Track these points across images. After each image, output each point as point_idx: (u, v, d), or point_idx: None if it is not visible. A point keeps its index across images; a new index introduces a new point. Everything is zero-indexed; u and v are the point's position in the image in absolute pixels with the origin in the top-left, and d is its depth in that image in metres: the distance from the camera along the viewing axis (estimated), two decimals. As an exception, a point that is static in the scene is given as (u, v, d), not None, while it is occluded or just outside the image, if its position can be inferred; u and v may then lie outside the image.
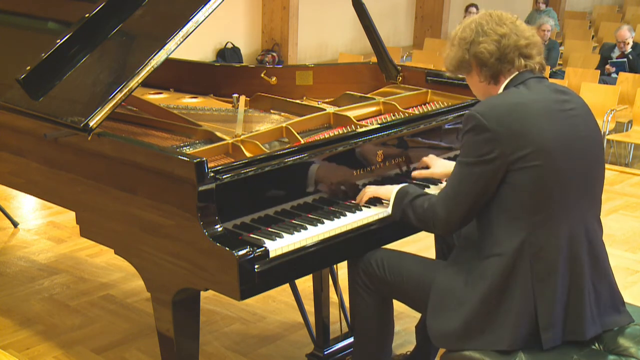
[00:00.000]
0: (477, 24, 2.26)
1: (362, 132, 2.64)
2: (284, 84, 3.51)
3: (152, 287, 2.44)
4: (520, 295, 2.13)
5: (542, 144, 2.10)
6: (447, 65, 2.34)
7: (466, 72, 2.31)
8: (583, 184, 2.18)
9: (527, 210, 2.12)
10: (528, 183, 2.10)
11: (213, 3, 2.55)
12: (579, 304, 2.17)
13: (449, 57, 2.32)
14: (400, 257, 2.47)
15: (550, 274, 2.13)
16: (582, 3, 15.71)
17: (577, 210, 2.17)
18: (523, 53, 2.23)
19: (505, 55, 2.21)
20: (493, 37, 2.21)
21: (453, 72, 2.35)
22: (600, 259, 2.24)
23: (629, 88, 7.34)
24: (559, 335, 2.17)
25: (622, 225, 5.00)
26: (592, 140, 2.22)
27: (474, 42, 2.23)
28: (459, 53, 2.27)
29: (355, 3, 3.29)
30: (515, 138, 2.09)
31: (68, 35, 2.73)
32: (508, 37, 2.21)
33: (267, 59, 10.80)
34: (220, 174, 2.23)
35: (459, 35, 2.28)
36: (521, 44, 2.22)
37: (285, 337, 3.46)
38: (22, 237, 4.62)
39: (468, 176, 2.15)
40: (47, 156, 2.76)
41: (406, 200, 2.35)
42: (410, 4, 13.41)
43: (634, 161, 7.05)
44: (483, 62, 2.24)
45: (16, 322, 3.57)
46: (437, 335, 2.25)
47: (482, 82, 2.28)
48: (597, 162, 2.25)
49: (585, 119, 2.23)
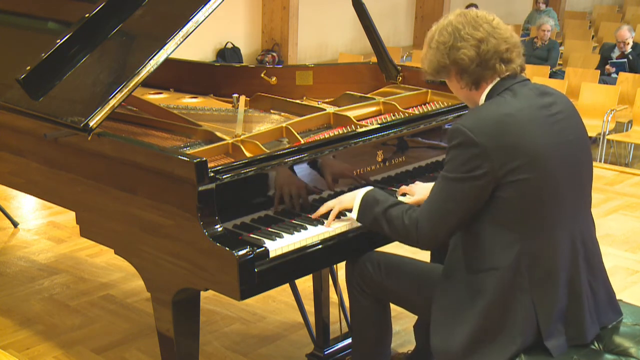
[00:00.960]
0: (453, 27, 2.15)
1: (362, 132, 2.64)
2: (284, 84, 3.50)
3: (152, 287, 2.44)
4: (520, 308, 2.10)
5: (532, 155, 2.04)
6: (426, 68, 2.23)
7: (446, 76, 2.22)
8: (574, 188, 2.15)
9: (519, 222, 2.08)
10: (519, 195, 2.05)
11: (213, 3, 2.54)
12: (578, 308, 2.16)
13: (426, 59, 2.22)
14: (396, 260, 2.46)
15: (547, 282, 2.11)
16: (582, 3, 15.71)
17: (570, 215, 2.14)
18: (504, 58, 2.14)
19: (486, 61, 2.12)
20: (471, 42, 2.12)
21: (432, 76, 2.24)
22: (595, 259, 2.23)
23: (629, 88, 7.34)
24: (564, 341, 2.15)
25: (622, 225, 5.00)
26: (580, 142, 2.18)
27: (453, 47, 2.13)
28: (437, 57, 2.17)
29: (355, 3, 3.29)
30: (505, 152, 2.03)
31: (68, 35, 2.73)
32: (487, 41, 2.12)
33: (267, 59, 10.81)
34: (220, 174, 2.23)
35: (436, 39, 2.18)
36: (501, 49, 2.13)
37: (285, 337, 3.46)
38: (22, 237, 4.62)
39: (455, 193, 2.08)
40: (47, 156, 2.76)
41: (377, 209, 2.26)
42: (410, 4, 13.41)
43: (634, 161, 7.06)
44: (463, 69, 2.15)
45: (16, 322, 3.57)
46: (441, 352, 2.21)
47: (463, 89, 2.20)
48: (585, 163, 2.21)
49: (572, 121, 2.18)
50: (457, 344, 2.15)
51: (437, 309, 2.24)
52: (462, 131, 2.05)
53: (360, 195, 2.32)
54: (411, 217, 2.17)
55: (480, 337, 2.13)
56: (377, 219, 2.26)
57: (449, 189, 2.09)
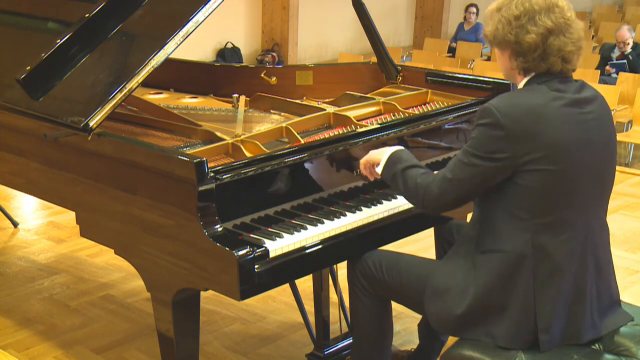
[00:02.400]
0: (530, 5, 2.11)
1: (362, 132, 2.64)
2: (284, 84, 3.50)
3: (152, 287, 2.44)
4: (520, 295, 2.13)
5: (554, 148, 2.06)
6: (487, 34, 2.21)
7: (502, 50, 2.20)
8: (592, 189, 2.16)
9: (533, 212, 2.10)
10: (537, 185, 2.08)
11: (213, 3, 2.54)
12: (579, 308, 2.17)
13: (492, 25, 2.18)
14: (398, 258, 2.46)
15: (552, 276, 2.12)
16: (582, 3, 15.69)
17: (584, 216, 2.15)
18: (565, 57, 2.13)
19: (548, 55, 2.11)
20: (541, 30, 2.09)
21: (490, 43, 2.22)
22: (604, 261, 2.23)
23: (629, 88, 7.34)
24: (557, 338, 2.16)
25: (622, 225, 5.00)
26: (606, 145, 2.18)
27: (522, 28, 2.10)
28: (505, 30, 2.14)
29: (355, 3, 3.29)
30: (529, 140, 2.05)
31: (68, 35, 2.73)
32: (556, 35, 2.10)
33: (267, 59, 10.81)
34: (220, 174, 2.23)
35: (508, 11, 2.13)
36: (567, 49, 2.11)
37: (285, 337, 3.46)
38: (22, 237, 4.62)
39: (471, 167, 2.12)
40: (47, 156, 2.76)
41: (399, 166, 2.30)
42: (410, 4, 13.41)
43: (634, 161, 7.05)
44: (523, 53, 2.13)
45: (16, 322, 3.57)
46: (438, 319, 2.27)
47: (512, 69, 2.19)
48: (609, 168, 2.22)
49: (602, 122, 2.17)
50: (455, 313, 2.20)
51: (436, 278, 2.29)
52: (492, 112, 2.08)
53: (389, 153, 2.37)
54: (425, 179, 2.23)
55: (478, 311, 2.18)
56: (395, 176, 2.31)
57: (466, 163, 2.14)
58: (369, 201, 2.55)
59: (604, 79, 7.91)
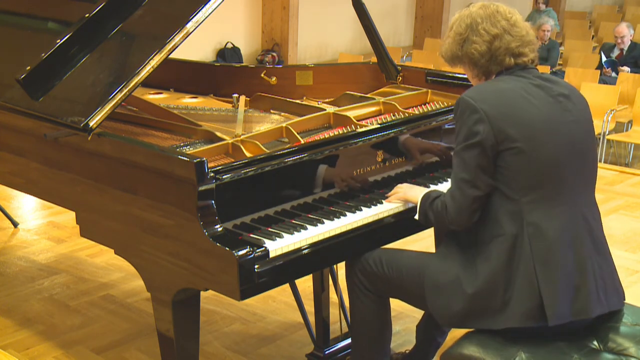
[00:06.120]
0: (472, 20, 2.29)
1: (362, 132, 2.64)
2: (284, 84, 3.50)
3: (152, 287, 2.44)
4: (522, 274, 2.16)
5: (527, 125, 2.15)
6: (443, 55, 2.39)
7: (460, 64, 2.36)
8: (576, 167, 2.22)
9: (520, 192, 2.17)
10: (518, 164, 2.15)
11: (213, 3, 2.54)
12: (582, 283, 2.19)
13: (444, 47, 2.37)
14: (398, 253, 2.47)
15: (550, 253, 2.16)
16: (582, 3, 15.70)
17: (572, 193, 2.21)
18: (514, 53, 2.26)
19: (496, 57, 2.27)
20: (485, 38, 2.26)
21: (447, 63, 2.39)
22: (601, 241, 2.28)
23: (629, 88, 7.34)
24: (566, 314, 2.16)
25: (622, 225, 5.00)
26: (583, 124, 2.26)
27: (467, 41, 2.28)
28: (453, 47, 2.32)
29: (355, 3, 3.29)
30: (502, 118, 2.15)
31: (68, 35, 2.73)
32: (500, 38, 2.25)
33: (267, 59, 10.80)
34: (220, 174, 2.23)
35: (454, 29, 2.32)
36: (513, 46, 2.25)
37: (285, 337, 3.46)
38: (22, 237, 4.62)
39: (466, 162, 2.19)
40: (47, 156, 2.76)
41: (427, 203, 2.36)
42: (410, 4, 13.41)
43: (634, 161, 7.06)
44: (474, 62, 2.29)
45: (16, 322, 3.57)
46: (442, 314, 2.28)
47: (474, 77, 2.35)
48: (587, 143, 2.28)
49: (576, 104, 2.26)
50: (459, 307, 2.22)
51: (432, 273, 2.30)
52: (464, 100, 2.19)
53: (421, 196, 2.40)
54: (442, 201, 2.28)
55: (482, 301, 2.19)
56: (426, 213, 2.36)
57: (461, 160, 2.21)
58: (369, 201, 2.55)
59: (604, 78, 7.91)
